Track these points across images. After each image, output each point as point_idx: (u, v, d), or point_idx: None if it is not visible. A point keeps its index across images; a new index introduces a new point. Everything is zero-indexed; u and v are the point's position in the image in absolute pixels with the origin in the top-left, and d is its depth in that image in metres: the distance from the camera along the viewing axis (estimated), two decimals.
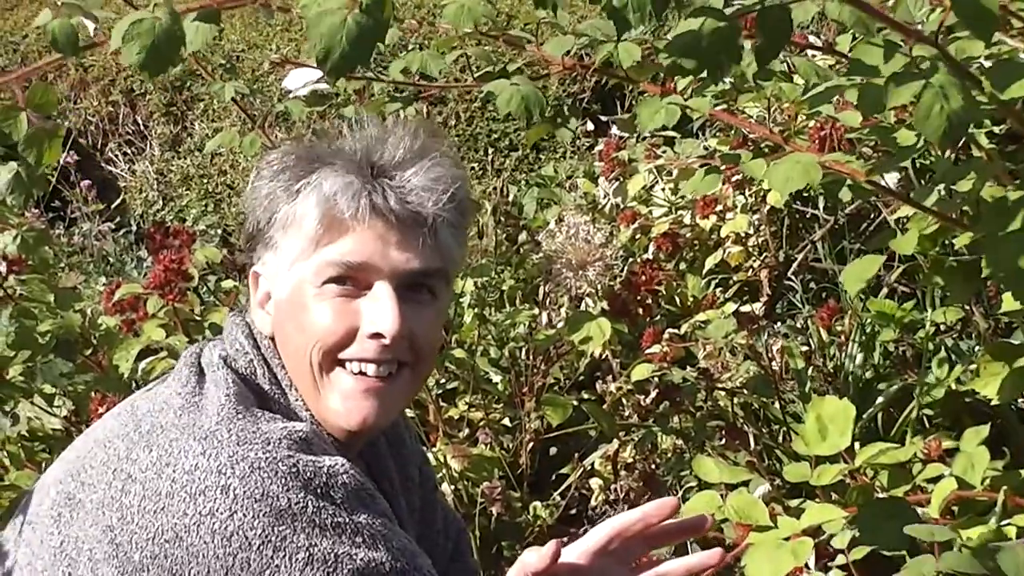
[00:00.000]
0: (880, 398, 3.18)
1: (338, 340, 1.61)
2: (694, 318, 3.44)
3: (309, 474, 1.50)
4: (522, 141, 6.19)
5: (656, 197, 4.09)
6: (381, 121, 1.70)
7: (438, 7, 1.87)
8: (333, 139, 1.69)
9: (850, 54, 1.75)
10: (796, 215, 4.07)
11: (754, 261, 3.82)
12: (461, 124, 6.34)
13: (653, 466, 3.25)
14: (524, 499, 3.31)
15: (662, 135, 4.30)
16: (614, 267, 3.42)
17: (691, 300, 3.76)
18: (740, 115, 2.92)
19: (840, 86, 1.89)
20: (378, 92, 2.78)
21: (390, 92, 2.69)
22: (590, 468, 3.31)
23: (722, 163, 2.35)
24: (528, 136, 2.56)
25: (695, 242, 3.93)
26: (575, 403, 3.24)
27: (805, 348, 3.40)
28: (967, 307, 3.26)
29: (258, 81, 6.58)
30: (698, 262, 3.90)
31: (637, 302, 3.14)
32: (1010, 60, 1.80)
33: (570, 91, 6.22)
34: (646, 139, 4.28)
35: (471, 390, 3.41)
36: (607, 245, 3.41)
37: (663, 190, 4.08)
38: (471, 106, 6.33)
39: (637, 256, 3.90)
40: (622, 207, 4.07)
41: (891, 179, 2.95)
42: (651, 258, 3.80)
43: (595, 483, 3.33)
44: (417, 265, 1.63)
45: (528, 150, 6.19)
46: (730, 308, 3.49)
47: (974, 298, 3.26)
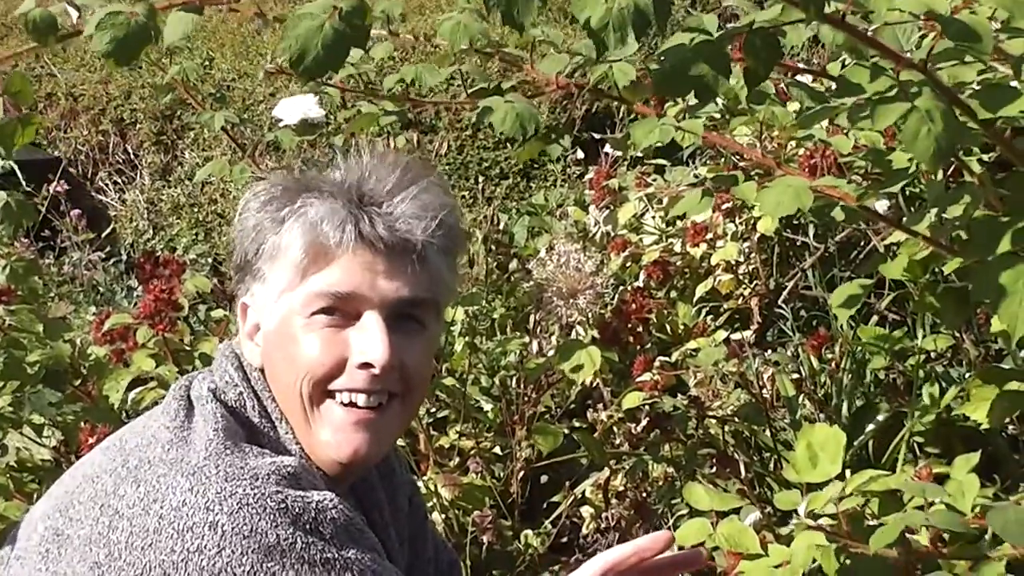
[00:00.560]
0: (871, 425, 3.18)
1: (327, 371, 1.60)
2: (685, 346, 3.44)
3: (298, 510, 1.48)
4: (513, 169, 6.20)
5: (647, 225, 4.09)
6: (369, 150, 1.68)
7: (435, 26, 1.87)
8: (321, 169, 1.68)
9: (845, 72, 1.75)
10: (786, 243, 4.07)
11: (744, 289, 3.82)
12: (452, 152, 6.35)
13: (644, 494, 3.24)
14: (515, 528, 3.29)
15: (652, 163, 4.30)
16: (605, 295, 3.42)
17: (682, 328, 3.75)
18: (731, 139, 2.92)
19: (831, 108, 1.90)
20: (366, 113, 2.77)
21: (384, 113, 2.69)
22: (581, 496, 3.30)
23: (714, 187, 2.36)
24: (520, 154, 2.55)
25: (686, 270, 3.93)
26: (566, 431, 3.23)
27: (796, 376, 3.39)
28: (957, 334, 3.26)
29: (248, 110, 6.59)
30: (689, 290, 3.90)
31: (628, 330, 3.14)
32: (1000, 84, 1.81)
33: (560, 119, 6.24)
34: (636, 166, 4.28)
35: (462, 419, 3.40)
36: (598, 273, 3.41)
37: (653, 218, 4.08)
38: (462, 134, 6.34)
39: (628, 284, 3.90)
40: (613, 235, 4.07)
41: (881, 206, 2.95)
42: (642, 286, 3.79)
43: (586, 511, 3.32)
44: (406, 294, 1.61)
45: (518, 178, 6.20)
46: (721, 336, 3.49)
47: (964, 325, 3.27)
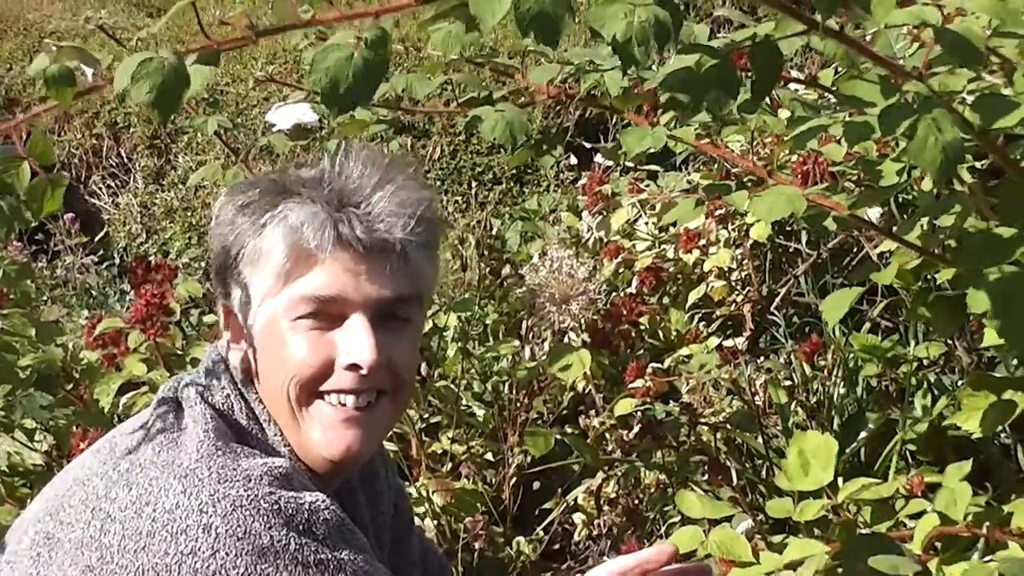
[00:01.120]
0: (863, 433, 3.18)
1: (314, 373, 1.60)
2: (677, 352, 3.44)
3: (291, 511, 1.49)
4: (506, 175, 6.21)
5: (639, 231, 4.09)
6: (344, 148, 1.68)
7: (425, 35, 1.87)
8: (297, 171, 1.67)
9: (839, 88, 1.74)
10: (779, 250, 4.07)
11: (737, 295, 3.82)
12: (445, 158, 6.35)
13: (636, 501, 3.24)
14: (507, 534, 3.29)
15: (645, 169, 4.31)
16: (597, 301, 3.42)
17: (674, 334, 3.75)
18: (723, 148, 2.92)
19: (824, 124, 1.90)
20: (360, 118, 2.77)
21: (376, 118, 2.69)
22: (573, 503, 3.30)
23: (706, 194, 2.36)
24: (510, 161, 2.56)
25: (678, 276, 3.93)
26: (557, 436, 3.23)
27: (788, 383, 3.39)
28: (950, 341, 3.26)
29: (242, 114, 6.59)
30: (681, 296, 3.90)
31: (618, 334, 3.14)
32: (994, 94, 1.81)
33: (554, 124, 6.24)
34: (629, 172, 4.28)
35: (454, 424, 3.40)
36: (590, 279, 3.41)
37: (647, 224, 4.08)
38: (455, 139, 6.34)
39: (621, 290, 3.90)
40: (605, 241, 4.07)
41: (873, 214, 2.96)
42: (635, 292, 3.80)
43: (578, 518, 3.32)
44: (389, 293, 1.61)
45: (512, 183, 6.21)
46: (713, 342, 3.49)
47: (957, 332, 3.27)
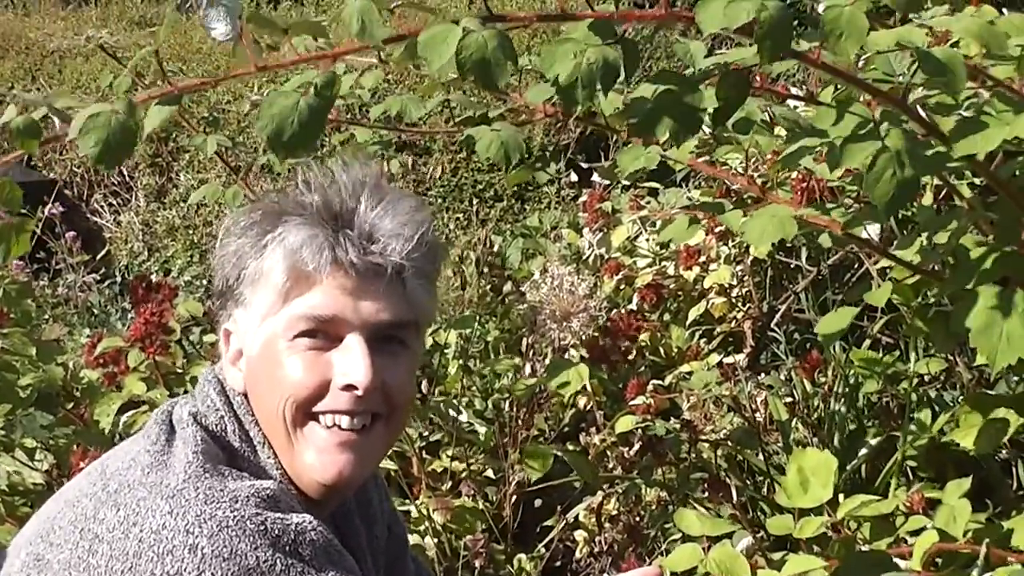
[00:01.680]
0: (864, 449, 3.18)
1: (310, 393, 1.60)
2: (678, 369, 3.44)
3: (277, 532, 1.49)
4: (507, 192, 6.21)
5: (640, 248, 4.09)
6: (336, 166, 1.68)
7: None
8: (299, 192, 1.68)
9: (815, 118, 1.76)
10: (779, 266, 4.07)
11: (737, 312, 3.82)
12: (446, 175, 6.36)
13: (637, 518, 3.23)
14: (508, 552, 3.29)
15: (646, 186, 4.31)
16: (598, 318, 3.42)
17: (675, 351, 3.75)
18: (720, 166, 2.93)
19: (810, 146, 1.91)
20: (361, 141, 2.79)
21: (374, 139, 2.70)
22: (574, 520, 3.30)
23: (703, 211, 2.36)
24: (509, 180, 2.57)
25: (679, 293, 3.93)
26: (557, 453, 3.23)
27: (789, 399, 3.39)
28: (950, 358, 3.26)
29: (243, 132, 6.59)
30: (682, 313, 3.90)
31: (616, 349, 3.14)
32: (974, 119, 1.81)
33: (554, 141, 6.25)
34: (630, 189, 4.29)
35: (454, 442, 3.40)
36: (591, 296, 3.42)
37: (647, 241, 4.09)
38: (456, 157, 6.35)
39: (622, 307, 3.90)
40: (606, 258, 4.08)
41: (873, 230, 2.95)
42: (635, 309, 3.80)
43: (579, 535, 3.31)
44: (387, 317, 1.62)
45: (513, 200, 6.21)
46: (714, 359, 3.49)
47: (957, 348, 3.27)
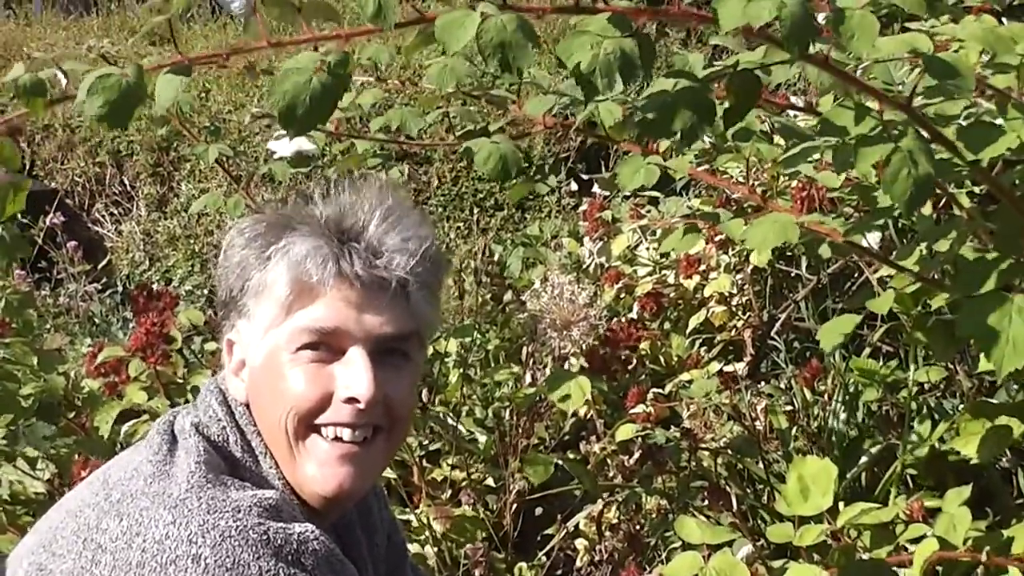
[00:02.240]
0: (864, 457, 3.18)
1: (312, 406, 1.61)
2: (678, 378, 3.45)
3: (280, 541, 1.49)
4: (507, 201, 6.22)
5: (640, 257, 4.10)
6: (350, 183, 1.69)
7: (423, 68, 1.88)
8: (304, 204, 1.69)
9: (823, 117, 1.76)
10: (779, 275, 4.08)
11: (738, 321, 3.82)
12: (447, 184, 6.37)
13: (638, 527, 3.24)
14: (509, 560, 3.29)
15: (646, 194, 4.32)
16: (598, 327, 3.43)
17: (675, 360, 3.76)
18: (721, 175, 2.93)
19: (815, 148, 1.91)
20: (361, 151, 2.80)
21: (374, 151, 2.71)
22: (574, 529, 3.30)
23: (702, 221, 2.37)
24: (511, 194, 2.58)
25: (679, 302, 3.94)
26: (557, 462, 3.23)
27: (789, 408, 3.40)
28: (950, 366, 3.27)
29: (244, 142, 6.61)
30: (682, 322, 3.91)
31: (616, 359, 3.14)
32: (982, 123, 1.82)
33: (555, 150, 6.26)
34: (629, 198, 4.29)
35: (454, 451, 3.40)
36: (591, 305, 3.42)
37: (647, 249, 4.09)
38: (457, 166, 6.36)
39: (622, 316, 3.90)
40: (606, 267, 4.08)
41: (873, 238, 2.96)
42: (636, 318, 3.80)
43: (580, 544, 3.31)
44: (390, 330, 1.62)
45: (513, 209, 6.22)
46: (714, 368, 3.49)
47: (957, 357, 3.27)
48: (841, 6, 1.60)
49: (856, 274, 3.90)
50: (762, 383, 3.67)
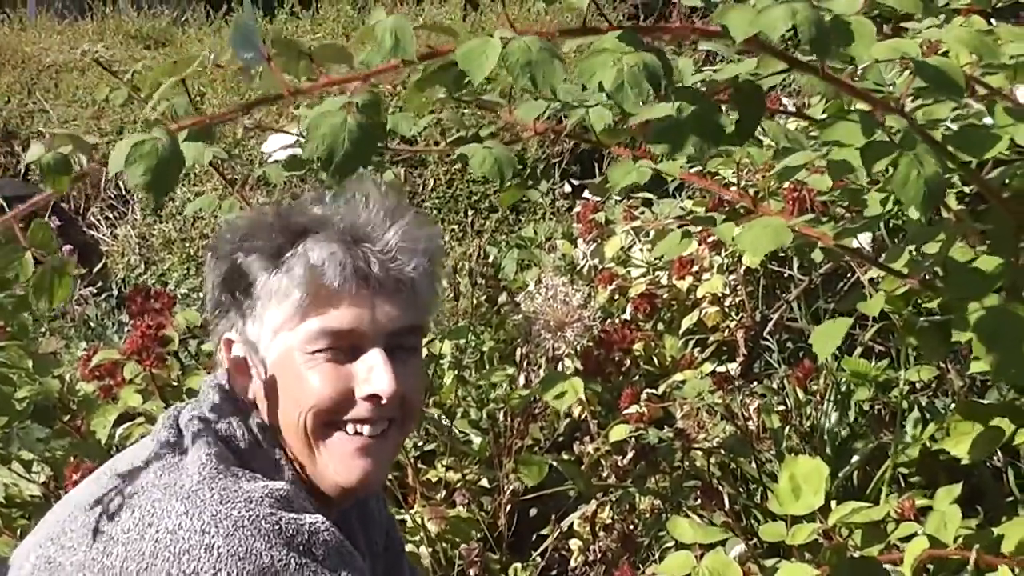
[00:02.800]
0: (856, 456, 3.20)
1: (333, 405, 1.64)
2: (672, 378, 3.46)
3: (292, 531, 1.52)
4: (502, 203, 6.23)
5: (634, 258, 4.11)
6: (356, 187, 1.72)
7: (411, 74, 1.89)
8: (308, 205, 1.71)
9: (823, 133, 1.77)
10: (772, 275, 4.09)
11: (730, 321, 3.84)
12: (441, 186, 6.39)
13: (631, 527, 3.25)
14: (503, 561, 3.30)
15: (639, 196, 4.33)
16: (592, 328, 3.44)
17: (669, 360, 3.77)
18: (712, 177, 2.95)
19: (808, 159, 1.93)
20: None
21: None
22: (568, 529, 3.31)
23: (695, 225, 2.38)
24: (503, 200, 2.60)
25: (672, 302, 3.95)
26: (551, 463, 3.24)
27: (782, 407, 3.41)
28: (942, 365, 3.28)
29: (239, 145, 6.62)
30: (675, 322, 3.92)
31: (610, 360, 3.16)
32: (975, 126, 1.83)
33: (549, 153, 6.27)
34: (623, 200, 4.31)
35: (449, 452, 3.42)
36: (585, 306, 3.44)
37: (641, 251, 4.11)
38: (451, 168, 6.37)
39: (616, 317, 3.92)
40: (600, 268, 4.10)
41: (864, 239, 2.97)
42: (629, 319, 3.82)
43: (574, 544, 3.32)
44: (401, 325, 1.66)
45: (508, 211, 6.23)
46: (707, 368, 3.51)
47: (950, 356, 3.28)
48: (836, 12, 1.61)
49: (848, 274, 3.91)
50: (755, 383, 3.68)
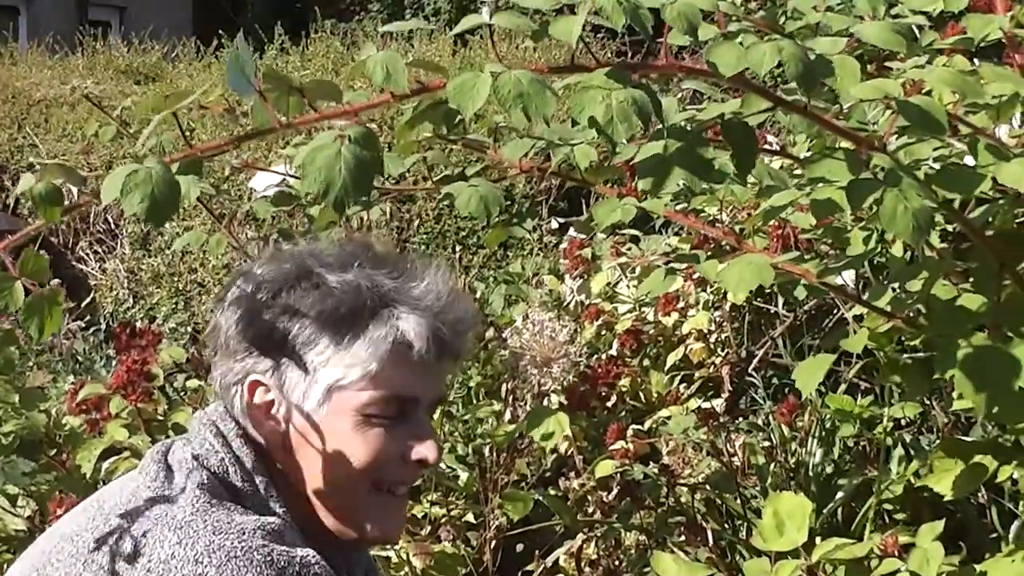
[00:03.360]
0: (840, 493, 3.21)
1: (385, 467, 1.67)
2: (657, 414, 3.47)
3: (283, 563, 1.53)
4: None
5: (621, 294, 4.12)
6: (422, 261, 1.76)
7: (400, 112, 1.90)
8: (395, 277, 1.71)
9: (808, 170, 1.78)
10: (757, 312, 4.11)
11: (716, 357, 3.85)
12: (429, 222, 6.41)
13: (616, 562, 3.25)
14: None
15: (626, 233, 4.34)
16: (579, 364, 3.45)
17: (655, 396, 3.78)
18: (697, 215, 2.96)
19: (794, 199, 1.94)
20: None
21: None
22: (554, 564, 3.31)
23: (679, 262, 2.39)
24: (488, 239, 2.60)
25: (658, 338, 3.96)
26: (537, 498, 3.25)
27: (767, 444, 3.42)
28: (926, 402, 3.29)
29: (228, 180, 6.64)
30: (662, 358, 3.93)
31: (595, 396, 3.17)
32: (957, 165, 1.84)
33: (536, 189, 6.30)
34: (609, 236, 4.32)
35: (435, 487, 3.42)
36: (572, 342, 3.45)
37: (627, 287, 4.12)
38: (439, 204, 6.38)
39: (602, 352, 3.92)
40: (587, 304, 4.10)
41: (848, 276, 2.99)
42: (615, 355, 3.82)
43: None
44: (440, 393, 1.75)
45: (496, 247, 6.25)
46: (693, 404, 3.52)
47: (934, 392, 3.29)
48: (820, 52, 1.63)
49: (833, 310, 3.93)
50: (740, 419, 3.69)
